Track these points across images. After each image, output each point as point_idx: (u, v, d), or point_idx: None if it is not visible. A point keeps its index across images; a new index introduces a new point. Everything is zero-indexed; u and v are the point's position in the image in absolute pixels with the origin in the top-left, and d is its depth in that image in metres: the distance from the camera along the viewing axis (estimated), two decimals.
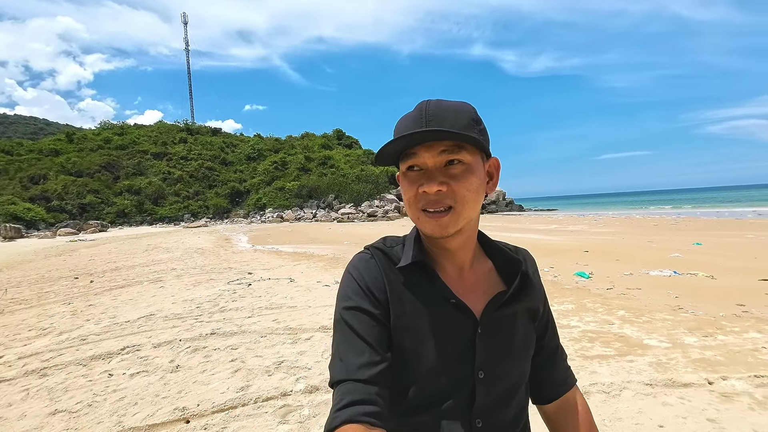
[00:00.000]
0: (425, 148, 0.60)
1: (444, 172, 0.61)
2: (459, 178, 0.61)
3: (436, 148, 0.60)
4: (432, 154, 0.60)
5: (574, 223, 23.07)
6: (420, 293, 0.65)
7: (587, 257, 8.65)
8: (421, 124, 0.59)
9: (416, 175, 0.62)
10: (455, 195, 0.61)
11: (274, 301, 5.23)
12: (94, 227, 36.68)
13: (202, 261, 10.18)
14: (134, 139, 59.79)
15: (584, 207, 58.23)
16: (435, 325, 0.64)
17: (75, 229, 34.79)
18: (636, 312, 4.19)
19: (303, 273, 7.72)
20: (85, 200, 44.66)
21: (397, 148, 0.62)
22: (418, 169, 0.62)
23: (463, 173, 0.61)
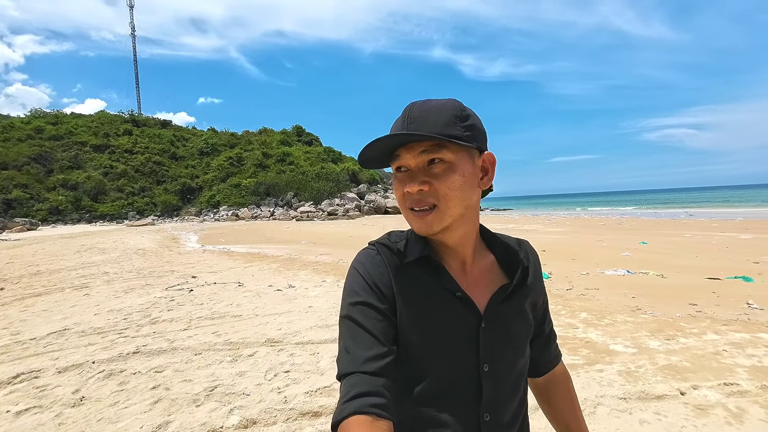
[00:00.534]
0: (406, 149, 0.62)
1: (426, 171, 0.62)
2: (440, 176, 0.61)
3: (416, 149, 0.61)
4: (413, 155, 0.62)
5: (529, 222, 23.91)
6: (426, 287, 0.65)
7: (545, 257, 8.76)
8: (404, 127, 0.61)
9: (403, 175, 0.64)
10: (437, 193, 0.62)
11: (217, 310, 4.67)
12: (21, 226, 32.97)
13: (140, 263, 9.22)
14: (71, 129, 54.65)
15: (537, 207, 61.07)
16: (441, 319, 0.65)
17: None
18: (598, 314, 4.12)
19: (254, 276, 7.14)
20: (10, 195, 40.12)
21: (379, 152, 0.63)
22: (405, 169, 0.63)
23: (444, 172, 0.61)
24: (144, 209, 46.01)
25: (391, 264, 0.66)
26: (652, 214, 28.73)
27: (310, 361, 3.01)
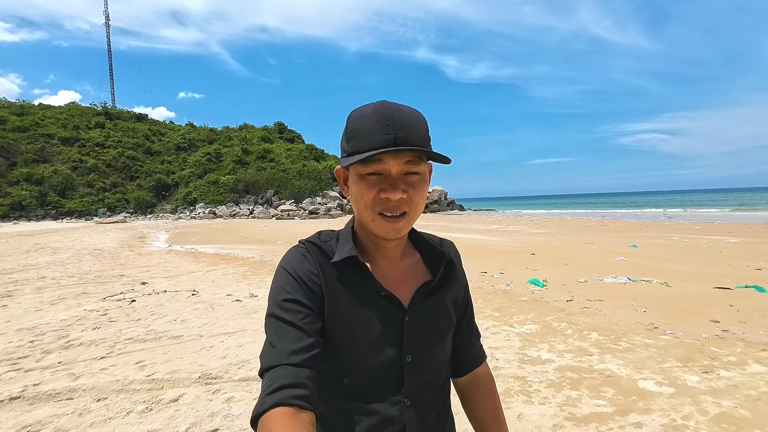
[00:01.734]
0: (392, 156, 0.61)
1: (404, 180, 0.63)
2: (416, 186, 0.64)
3: (403, 158, 0.62)
4: (397, 163, 0.62)
5: (513, 223, 23.55)
6: (352, 287, 0.67)
7: (535, 261, 8.19)
8: (389, 131, 0.60)
9: (376, 179, 0.63)
10: (411, 202, 0.64)
11: (155, 328, 3.84)
12: None
13: (90, 266, 8.20)
14: (37, 120, 51.66)
15: (518, 207, 61.37)
16: (366, 316, 0.66)
17: None
18: (610, 334, 3.49)
19: (214, 282, 6.28)
20: None
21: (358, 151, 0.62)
22: (379, 174, 0.63)
23: (419, 182, 0.64)
24: (115, 206, 43.86)
25: (320, 262, 0.67)
26: (632, 216, 28.91)
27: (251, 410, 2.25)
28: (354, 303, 0.66)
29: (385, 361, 0.66)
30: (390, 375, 0.67)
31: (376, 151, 0.59)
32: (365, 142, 0.60)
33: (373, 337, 0.65)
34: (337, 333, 0.64)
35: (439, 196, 42.77)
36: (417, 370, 0.68)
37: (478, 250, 10.25)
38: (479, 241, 12.75)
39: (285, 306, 0.62)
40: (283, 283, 0.64)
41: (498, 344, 3.32)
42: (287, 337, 0.59)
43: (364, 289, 0.67)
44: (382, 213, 0.63)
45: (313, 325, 0.62)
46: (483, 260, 8.36)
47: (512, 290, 5.44)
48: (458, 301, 0.78)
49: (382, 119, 0.60)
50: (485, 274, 6.65)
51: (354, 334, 0.65)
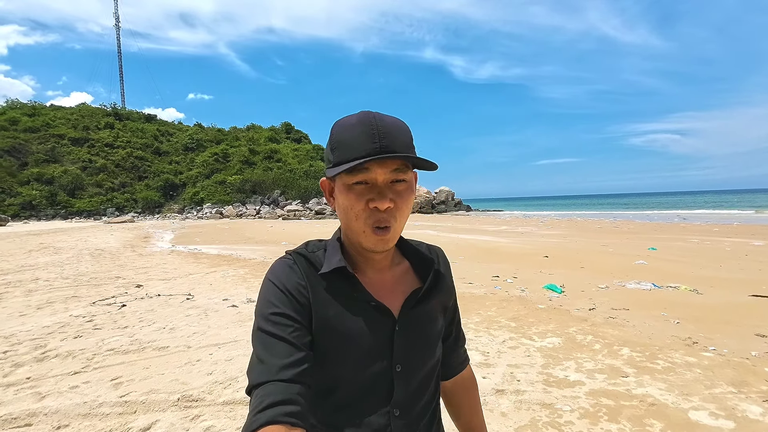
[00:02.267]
0: (378, 164, 0.61)
1: (391, 188, 0.62)
2: (403, 195, 0.63)
3: (390, 167, 0.61)
4: (384, 171, 0.61)
5: (522, 224, 23.02)
6: (341, 298, 0.65)
7: (549, 264, 7.77)
8: (374, 139, 0.59)
9: (364, 189, 0.62)
10: (397, 211, 0.63)
11: (140, 338, 3.53)
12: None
13: (88, 267, 7.97)
14: (48, 121, 52.19)
15: (526, 208, 60.47)
16: (356, 327, 0.64)
17: None
18: (644, 350, 3.10)
19: (212, 285, 5.99)
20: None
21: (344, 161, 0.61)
22: (366, 183, 0.62)
23: (406, 191, 0.63)
24: (124, 205, 44.12)
25: (308, 274, 0.66)
26: (644, 217, 28.20)
27: None
28: (343, 314, 0.64)
29: (375, 372, 0.65)
30: (379, 385, 0.66)
31: (362, 160, 0.58)
32: (351, 152, 0.60)
33: (363, 348, 0.65)
34: (327, 345, 0.63)
35: (446, 196, 42.29)
36: (406, 379, 0.67)
37: (489, 252, 9.85)
38: (489, 243, 12.32)
39: (273, 319, 0.60)
40: (270, 296, 0.63)
41: (518, 361, 2.95)
42: (276, 352, 0.57)
43: (354, 299, 0.66)
44: (374, 226, 0.62)
45: (302, 338, 0.60)
46: (494, 263, 7.97)
47: (528, 297, 5.05)
48: (447, 309, 0.78)
49: (366, 128, 0.60)
50: (497, 279, 6.27)
51: (344, 346, 0.64)
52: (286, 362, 0.56)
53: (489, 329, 3.72)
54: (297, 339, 0.59)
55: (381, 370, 0.65)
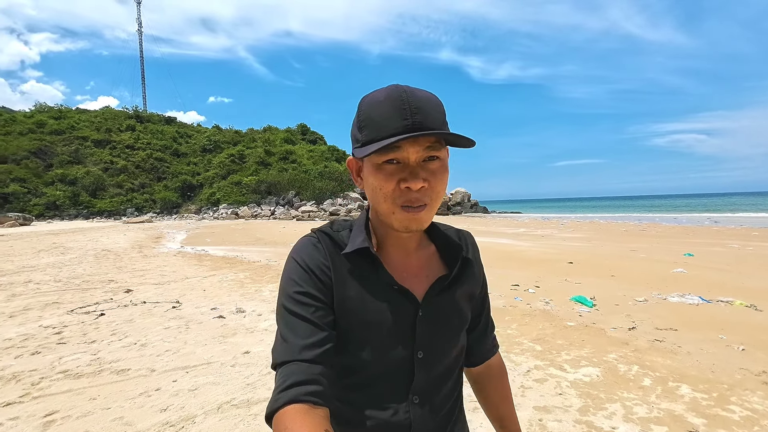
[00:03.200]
0: (411, 142, 0.57)
1: (423, 167, 0.59)
2: (437, 174, 0.60)
3: (422, 144, 0.58)
4: (416, 150, 0.58)
5: (542, 226, 22.06)
6: (364, 279, 0.64)
7: (574, 271, 7.06)
8: (406, 116, 0.56)
9: (395, 168, 0.58)
10: (432, 191, 0.60)
11: (104, 356, 3.08)
12: (13, 221, 31.86)
13: (86, 269, 7.69)
14: (73, 123, 53.72)
15: (545, 210, 58.71)
16: (378, 309, 0.63)
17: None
18: (710, 389, 2.45)
19: (205, 291, 5.55)
20: (7, 189, 39.12)
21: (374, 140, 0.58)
22: (397, 162, 0.58)
23: (440, 169, 0.60)
24: (143, 206, 44.84)
25: (331, 253, 0.64)
26: (671, 220, 26.77)
27: None
28: (365, 296, 0.63)
29: (396, 357, 0.64)
30: (400, 371, 0.65)
31: (394, 139, 0.55)
32: (381, 130, 0.57)
33: (384, 331, 0.63)
34: (347, 326, 0.62)
35: (462, 197, 41.40)
36: (428, 367, 0.66)
37: (507, 257, 9.16)
38: (507, 246, 11.60)
39: (296, 298, 0.59)
40: (294, 274, 0.61)
41: (548, 402, 2.34)
42: (299, 331, 0.57)
43: (376, 282, 0.64)
44: (404, 205, 0.59)
45: (324, 318, 0.59)
46: (513, 270, 7.30)
47: (554, 311, 4.40)
48: (474, 297, 0.75)
49: (397, 104, 0.57)
50: (517, 288, 5.62)
51: (364, 329, 0.62)
52: (308, 342, 0.55)
53: (509, 353, 3.11)
54: (319, 319, 0.58)
55: (402, 356, 0.64)
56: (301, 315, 0.57)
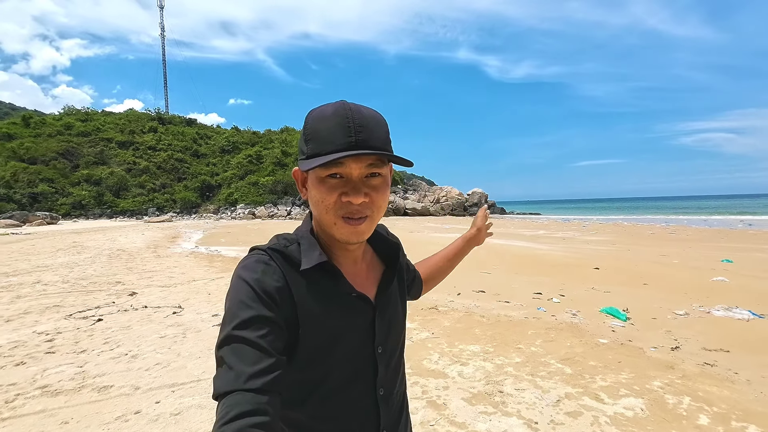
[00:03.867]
0: (354, 159, 0.59)
1: (365, 183, 0.61)
2: (379, 189, 0.62)
3: (365, 161, 0.60)
4: (359, 166, 0.60)
5: (562, 228, 21.30)
6: (324, 292, 0.64)
7: (601, 278, 6.57)
8: (350, 133, 0.58)
9: (338, 182, 0.61)
10: (374, 205, 0.62)
11: (89, 369, 2.85)
12: (41, 219, 32.99)
13: (96, 270, 7.64)
14: (99, 125, 55.36)
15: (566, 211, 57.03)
16: (341, 318, 0.64)
17: (18, 221, 31.13)
18: None
19: (211, 295, 5.35)
20: (36, 189, 40.53)
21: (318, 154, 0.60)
22: (340, 176, 0.61)
23: (382, 185, 0.63)
24: (164, 206, 45.76)
25: (286, 271, 0.62)
26: (701, 222, 25.48)
27: None
28: (328, 309, 0.63)
29: (362, 357, 0.66)
30: (366, 370, 0.67)
31: (337, 155, 0.57)
32: (325, 145, 0.59)
33: (350, 338, 0.65)
34: (315, 342, 0.61)
35: (479, 198, 40.66)
36: (386, 359, 0.69)
37: (526, 261, 8.69)
38: (526, 250, 11.08)
39: (245, 322, 0.55)
40: (243, 296, 0.58)
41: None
42: (245, 357, 0.53)
43: (336, 293, 0.65)
44: (346, 217, 0.61)
45: (275, 342, 0.56)
46: (534, 275, 6.85)
47: (582, 325, 3.98)
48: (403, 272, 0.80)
49: (342, 121, 0.59)
50: (540, 297, 5.20)
51: (333, 341, 0.63)
52: (256, 370, 0.52)
53: (535, 377, 2.74)
54: (270, 343, 0.55)
55: (366, 355, 0.67)
56: (249, 340, 0.54)
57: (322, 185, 0.60)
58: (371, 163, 0.60)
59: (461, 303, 4.87)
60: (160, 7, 78.77)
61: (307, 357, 0.60)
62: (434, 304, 4.77)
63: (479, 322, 4.07)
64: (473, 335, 3.64)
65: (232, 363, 0.53)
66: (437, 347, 3.34)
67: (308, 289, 0.62)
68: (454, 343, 3.43)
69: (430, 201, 39.23)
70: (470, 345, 3.38)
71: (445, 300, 5.03)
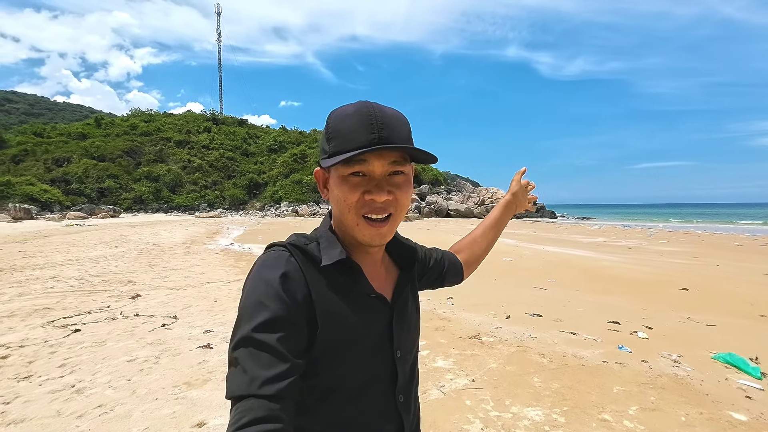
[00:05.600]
0: (377, 156, 0.59)
1: (388, 181, 0.61)
2: (402, 187, 0.62)
3: (388, 158, 0.60)
4: (382, 164, 0.59)
5: (623, 235, 18.97)
6: (344, 291, 0.63)
7: (695, 302, 5.14)
8: (373, 130, 0.58)
9: (360, 180, 0.60)
10: (397, 204, 0.61)
11: (11, 410, 2.18)
12: (105, 212, 35.52)
13: (118, 265, 7.37)
14: (159, 126, 59.14)
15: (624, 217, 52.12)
16: (361, 319, 0.63)
17: (86, 213, 33.70)
18: None
19: (217, 301, 4.70)
20: (103, 185, 43.84)
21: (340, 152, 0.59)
22: (362, 175, 0.60)
23: (405, 183, 0.62)
24: (214, 202, 47.75)
25: (306, 268, 0.61)
26: None
27: None
28: (348, 308, 0.62)
29: (383, 361, 0.65)
30: (384, 374, 0.65)
31: (359, 151, 0.56)
32: (347, 143, 0.58)
33: (368, 339, 0.63)
34: (333, 340, 0.59)
35: None
36: (404, 363, 0.68)
37: (590, 276, 7.29)
38: (587, 261, 9.56)
39: (262, 324, 0.53)
40: (261, 294, 0.56)
41: None
42: (260, 361, 0.52)
43: (356, 292, 0.64)
44: (367, 216, 0.61)
45: (292, 345, 0.54)
46: (601, 294, 5.55)
47: (694, 382, 2.76)
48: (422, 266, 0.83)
49: (364, 119, 0.59)
50: (618, 328, 3.97)
51: (351, 342, 0.61)
52: (271, 375, 0.51)
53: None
54: (286, 347, 0.53)
55: (385, 359, 0.65)
56: (266, 344, 0.52)
57: (345, 183, 0.60)
58: (394, 161, 0.60)
59: (512, 332, 3.80)
60: (217, 14, 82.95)
61: (323, 359, 0.58)
62: (477, 331, 3.74)
63: (539, 364, 3.00)
64: (532, 388, 2.59)
65: (247, 366, 0.51)
66: (479, 407, 2.34)
67: (328, 287, 0.60)
68: (503, 402, 2.41)
69: (474, 202, 37.45)
70: (528, 407, 2.34)
71: (490, 325, 3.97)
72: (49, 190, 38.17)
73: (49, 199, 36.75)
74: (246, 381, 0.50)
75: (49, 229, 18.24)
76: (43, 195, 36.69)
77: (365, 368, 0.62)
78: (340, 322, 0.59)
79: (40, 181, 39.44)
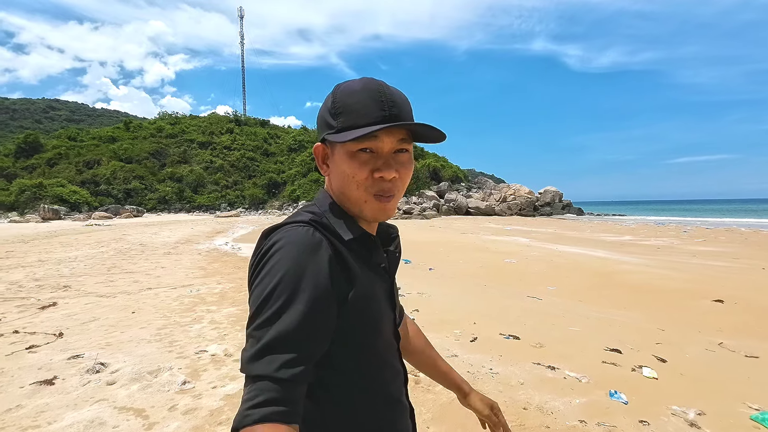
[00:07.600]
0: (387, 133, 0.60)
1: (394, 158, 0.61)
2: (406, 165, 0.63)
3: (397, 136, 0.61)
4: (391, 140, 0.60)
5: (655, 233, 17.22)
6: (365, 263, 0.65)
7: (731, 320, 4.00)
8: (384, 107, 0.59)
9: (369, 157, 0.60)
10: (401, 182, 0.63)
11: None
12: (129, 212, 36.48)
13: (77, 268, 6.88)
14: (184, 128, 60.61)
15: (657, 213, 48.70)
16: (379, 289, 0.66)
17: (111, 214, 34.68)
18: None
19: (135, 313, 3.99)
20: (130, 186, 45.18)
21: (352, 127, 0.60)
22: (370, 151, 0.60)
23: (408, 162, 0.63)
24: (234, 201, 48.31)
25: (333, 244, 0.61)
26: None
27: None
28: (369, 279, 0.64)
29: (389, 325, 0.69)
30: (393, 339, 0.70)
31: (375, 127, 0.57)
32: (359, 118, 0.59)
33: (385, 307, 0.67)
34: (363, 309, 0.62)
35: (552, 197, 36.21)
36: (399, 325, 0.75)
37: (601, 282, 6.14)
38: (603, 262, 8.30)
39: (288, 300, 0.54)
40: (290, 270, 0.54)
41: None
42: (287, 340, 0.52)
43: (373, 265, 0.66)
44: (377, 194, 0.61)
45: (317, 327, 0.55)
46: (609, 307, 4.47)
47: None
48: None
49: (374, 95, 0.60)
50: (617, 360, 2.92)
51: (374, 309, 0.65)
52: (288, 358, 0.52)
53: None
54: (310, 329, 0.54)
55: (390, 324, 0.70)
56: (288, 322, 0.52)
57: (354, 160, 0.60)
58: (402, 138, 0.61)
59: (469, 363, 2.85)
60: (240, 17, 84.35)
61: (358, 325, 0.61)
62: None
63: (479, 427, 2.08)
64: None
65: (270, 341, 0.52)
66: None
67: (352, 260, 0.61)
68: None
69: (495, 200, 35.85)
70: None
71: (445, 352, 3.02)
72: (78, 192, 39.59)
73: (78, 200, 38.07)
74: (265, 362, 0.51)
75: (65, 229, 18.51)
76: (73, 196, 38.05)
77: (385, 331, 0.67)
78: (364, 292, 0.61)
79: (71, 182, 41.01)
